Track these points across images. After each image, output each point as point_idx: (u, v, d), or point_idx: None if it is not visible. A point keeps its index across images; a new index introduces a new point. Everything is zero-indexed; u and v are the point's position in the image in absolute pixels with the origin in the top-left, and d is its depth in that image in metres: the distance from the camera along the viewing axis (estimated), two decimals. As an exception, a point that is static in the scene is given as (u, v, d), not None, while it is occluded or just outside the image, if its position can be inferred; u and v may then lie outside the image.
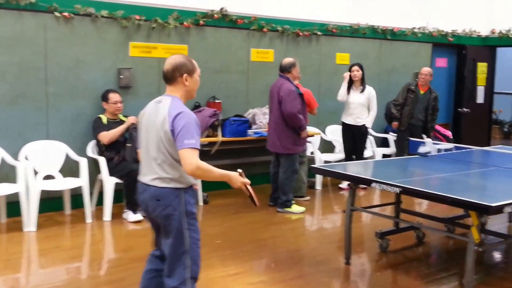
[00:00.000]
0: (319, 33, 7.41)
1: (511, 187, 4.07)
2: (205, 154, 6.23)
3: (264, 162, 6.75)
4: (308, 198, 6.44)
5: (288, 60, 5.88)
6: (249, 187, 2.90)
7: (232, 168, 3.08)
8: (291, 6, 7.21)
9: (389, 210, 5.37)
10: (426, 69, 7.28)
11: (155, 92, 6.09)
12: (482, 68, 9.57)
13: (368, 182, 3.98)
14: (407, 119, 7.19)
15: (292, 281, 4.01)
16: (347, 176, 4.36)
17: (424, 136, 7.00)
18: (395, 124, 7.36)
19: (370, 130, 7.14)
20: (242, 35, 6.79)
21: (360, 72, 6.75)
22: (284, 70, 5.81)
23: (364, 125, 6.83)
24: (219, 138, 6.14)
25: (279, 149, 5.84)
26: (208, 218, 5.63)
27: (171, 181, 2.86)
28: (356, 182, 4.30)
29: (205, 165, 2.76)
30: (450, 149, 6.10)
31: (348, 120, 6.90)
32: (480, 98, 9.63)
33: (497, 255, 4.74)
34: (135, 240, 4.94)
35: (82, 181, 5.38)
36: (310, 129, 7.15)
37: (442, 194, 3.47)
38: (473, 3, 9.41)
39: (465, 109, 9.28)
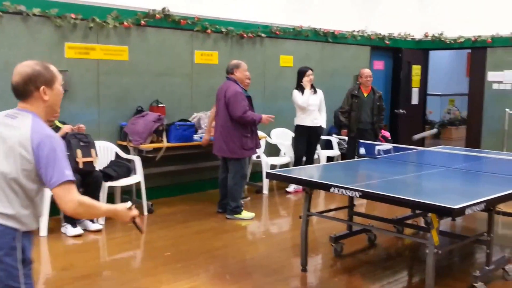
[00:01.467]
0: (263, 35, 7.32)
1: (466, 188, 4.14)
2: (149, 161, 5.95)
3: (212, 167, 6.55)
4: (248, 198, 6.33)
5: (232, 61, 5.76)
6: (137, 219, 2.44)
7: (179, 174, 2.85)
8: (235, 7, 7.06)
9: (341, 213, 5.34)
10: (367, 71, 7.37)
11: (94, 96, 5.74)
12: (416, 70, 9.89)
13: (327, 186, 3.89)
14: (355, 124, 7.23)
15: (250, 293, 3.85)
16: (305, 181, 4.25)
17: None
18: (344, 131, 7.40)
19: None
20: (186, 37, 6.55)
21: (313, 76, 6.83)
22: (228, 72, 5.67)
23: (320, 126, 6.90)
24: (164, 144, 5.87)
25: (226, 153, 5.66)
26: (154, 229, 5.34)
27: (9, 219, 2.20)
28: (314, 187, 4.20)
29: (87, 200, 2.24)
30: (389, 150, 6.17)
31: (306, 122, 6.85)
32: (415, 100, 9.95)
33: (449, 255, 4.81)
34: (75, 257, 4.58)
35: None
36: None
37: (404, 197, 3.44)
38: (408, 8, 9.71)
39: (401, 110, 9.53)
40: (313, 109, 6.80)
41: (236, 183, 5.70)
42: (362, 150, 5.27)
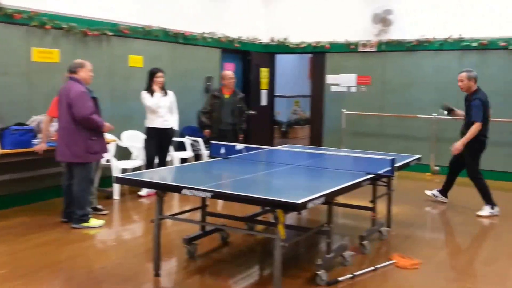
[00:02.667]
0: (109, 33, 7.01)
1: (309, 183, 4.40)
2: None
3: (54, 174, 6.11)
4: (106, 212, 6.01)
5: (76, 61, 5.43)
6: None
7: (17, 183, 2.60)
8: (78, 3, 6.66)
9: (196, 214, 5.33)
10: (229, 73, 7.50)
11: None
12: (264, 73, 10.34)
13: (179, 189, 3.84)
14: (216, 125, 7.30)
15: (100, 304, 3.64)
16: (156, 184, 4.16)
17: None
18: (207, 132, 7.42)
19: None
20: (21, 32, 6.00)
21: (163, 78, 6.71)
22: (71, 71, 5.34)
23: (172, 127, 6.82)
24: (-2, 150, 5.30)
25: (69, 157, 5.30)
26: (-13, 245, 4.80)
27: None
28: (165, 189, 4.12)
29: None
30: (241, 150, 6.35)
31: (157, 124, 6.70)
32: (264, 101, 10.39)
33: (296, 247, 5.08)
34: None
35: None
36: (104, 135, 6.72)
37: (253, 195, 3.54)
38: (255, 13, 10.10)
39: (252, 111, 9.87)
40: (163, 111, 6.71)
41: (82, 190, 5.37)
42: (221, 151, 5.32)
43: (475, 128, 5.98)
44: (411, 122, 9.13)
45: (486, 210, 6.14)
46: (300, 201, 3.34)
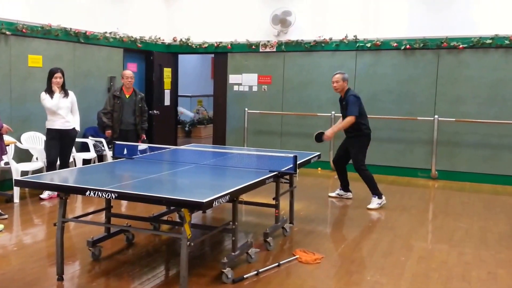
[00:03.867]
0: (8, 32, 6.71)
1: (214, 182, 4.54)
2: None
3: None
4: (5, 216, 5.78)
5: None
6: None
7: None
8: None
9: (100, 216, 5.28)
10: (128, 72, 7.46)
11: None
12: (167, 73, 10.35)
13: (82, 190, 3.83)
14: (117, 125, 7.25)
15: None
16: (59, 186, 4.11)
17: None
18: (108, 132, 7.33)
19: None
20: None
21: (63, 79, 6.54)
22: None
23: (74, 128, 6.68)
24: None
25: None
26: None
27: None
28: (68, 191, 4.09)
29: None
30: (145, 150, 6.40)
31: (57, 125, 6.54)
32: (167, 101, 10.41)
33: (201, 246, 5.19)
34: None
35: None
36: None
37: (158, 195, 3.61)
38: (157, 13, 10.08)
39: (155, 111, 9.87)
40: (64, 112, 6.56)
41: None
42: (123, 151, 5.32)
43: (348, 120, 6.42)
44: (311, 120, 9.51)
45: (374, 202, 6.62)
46: (205, 200, 3.44)
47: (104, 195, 3.71)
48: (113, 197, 3.70)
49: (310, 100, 9.60)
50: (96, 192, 3.73)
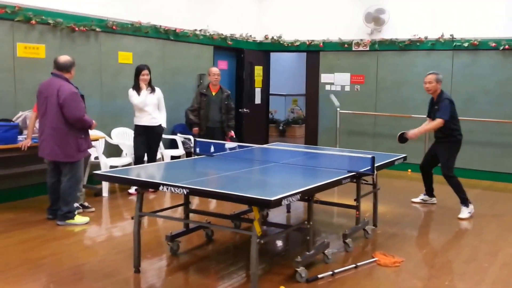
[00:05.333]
0: (98, 29, 6.99)
1: (288, 181, 4.37)
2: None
3: (40, 171, 6.07)
4: (92, 209, 6.00)
5: (67, 58, 5.34)
6: None
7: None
8: (65, -3, 6.64)
9: (179, 212, 5.33)
10: (215, 69, 7.47)
11: None
12: (258, 71, 10.30)
13: (156, 185, 3.83)
14: (204, 122, 7.29)
15: (74, 300, 3.64)
16: (133, 180, 4.16)
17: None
18: (195, 129, 7.41)
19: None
20: (5, 27, 5.99)
21: (149, 75, 6.67)
22: (64, 69, 5.27)
23: (160, 125, 6.79)
24: (-19, 146, 5.30)
25: (60, 157, 5.28)
26: (-34, 242, 4.81)
27: None
28: (143, 186, 4.12)
29: None
30: (234, 148, 6.36)
31: (144, 121, 6.70)
32: (258, 99, 10.36)
33: (279, 244, 5.07)
34: None
35: None
36: (93, 132, 6.71)
37: (227, 192, 3.53)
38: (248, 10, 10.07)
39: (245, 110, 9.85)
40: (150, 109, 6.69)
41: (70, 187, 5.38)
42: (204, 148, 5.33)
43: (436, 123, 6.02)
44: (405, 122, 9.08)
45: (465, 211, 6.10)
46: (273, 198, 3.32)
47: (176, 191, 3.70)
48: (185, 192, 3.68)
49: (404, 101, 9.15)
50: (169, 188, 3.73)
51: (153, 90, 6.75)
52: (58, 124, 5.20)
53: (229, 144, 6.47)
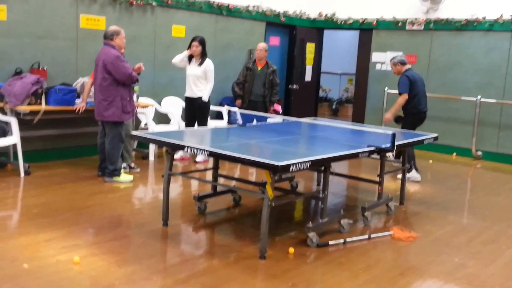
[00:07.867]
0: (154, 3, 7.42)
1: (305, 151, 4.60)
2: (27, 123, 5.97)
3: (94, 133, 6.64)
4: (138, 170, 6.49)
5: (112, 28, 5.83)
6: None
7: (59, 138, 3.01)
8: (122, -27, 7.10)
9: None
10: (261, 45, 7.68)
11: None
12: (310, 48, 10.42)
13: (182, 147, 4.23)
14: (247, 96, 7.60)
15: (106, 243, 4.11)
16: (161, 142, 4.54)
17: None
18: (238, 102, 7.72)
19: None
20: (70, 0, 6.55)
21: (200, 47, 6.83)
22: (107, 37, 5.75)
23: (200, 97, 6.93)
24: (43, 107, 5.91)
25: (105, 117, 5.79)
26: (27, 189, 5.45)
27: None
28: (171, 147, 4.52)
29: None
30: (262, 119, 6.61)
31: (187, 92, 7.03)
32: (308, 76, 10.50)
33: (299, 212, 5.33)
34: None
35: None
36: (142, 100, 7.22)
37: (240, 156, 3.82)
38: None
39: (295, 86, 10.04)
40: (191, 80, 6.93)
41: (113, 147, 5.87)
42: (237, 118, 5.64)
43: (398, 99, 6.77)
44: (454, 104, 8.94)
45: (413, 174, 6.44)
46: (280, 164, 3.57)
47: (198, 152, 4.08)
48: (206, 154, 4.02)
49: (456, 83, 8.98)
50: (192, 149, 4.11)
51: (202, 63, 6.90)
52: (105, 87, 5.67)
53: (270, 117, 6.69)
